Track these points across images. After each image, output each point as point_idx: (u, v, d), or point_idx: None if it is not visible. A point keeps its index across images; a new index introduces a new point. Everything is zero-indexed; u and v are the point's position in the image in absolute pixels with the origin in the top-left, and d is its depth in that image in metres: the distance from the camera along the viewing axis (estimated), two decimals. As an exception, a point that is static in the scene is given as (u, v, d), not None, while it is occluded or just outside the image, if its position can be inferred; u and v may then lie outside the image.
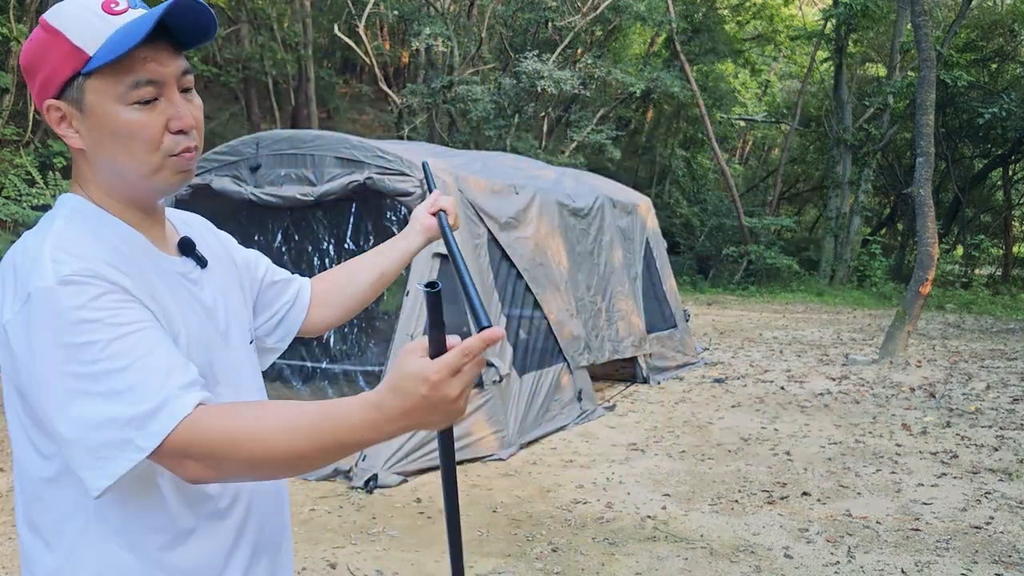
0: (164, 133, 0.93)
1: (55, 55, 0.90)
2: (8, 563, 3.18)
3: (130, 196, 0.97)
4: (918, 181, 8.43)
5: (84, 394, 0.82)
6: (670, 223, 18.91)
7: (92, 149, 0.93)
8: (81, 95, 0.91)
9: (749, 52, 21.05)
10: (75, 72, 0.90)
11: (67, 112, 0.92)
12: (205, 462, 0.83)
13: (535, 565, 3.22)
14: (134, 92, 0.90)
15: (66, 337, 0.83)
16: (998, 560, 3.32)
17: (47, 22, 0.91)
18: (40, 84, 0.92)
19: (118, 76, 0.89)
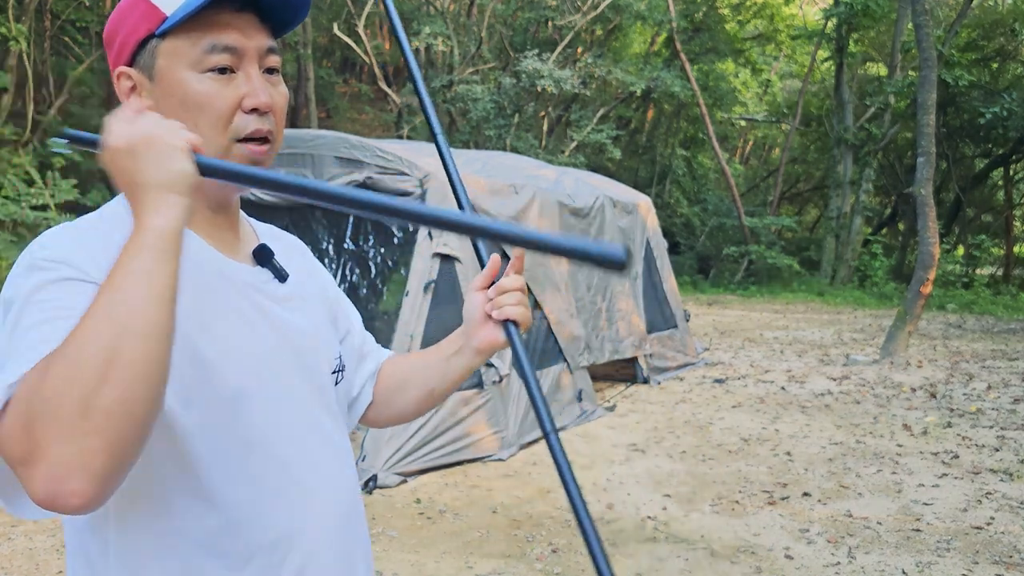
0: (236, 111, 0.82)
1: (132, 17, 0.82)
2: (7, 563, 3.17)
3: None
4: (919, 181, 8.41)
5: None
6: (671, 223, 18.90)
7: None
8: (153, 60, 0.82)
9: (750, 51, 21.03)
10: (149, 33, 0.81)
11: (137, 81, 0.83)
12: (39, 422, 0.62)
13: (535, 566, 3.21)
14: (210, 57, 0.81)
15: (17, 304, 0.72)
16: (999, 560, 3.31)
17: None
18: (116, 51, 0.84)
19: (194, 39, 0.80)
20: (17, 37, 9.91)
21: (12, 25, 9.87)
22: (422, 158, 4.98)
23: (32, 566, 3.16)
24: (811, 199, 25.40)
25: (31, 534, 3.47)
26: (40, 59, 11.88)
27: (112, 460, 0.62)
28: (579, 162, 15.39)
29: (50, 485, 0.61)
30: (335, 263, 5.22)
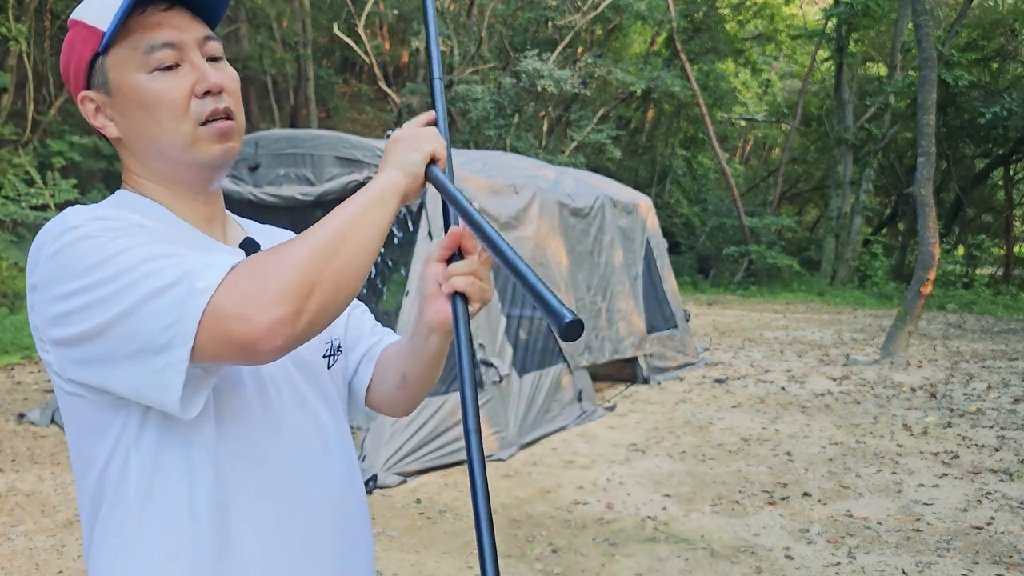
0: (191, 98, 0.87)
1: (78, 44, 0.88)
2: (7, 563, 3.17)
3: (177, 179, 0.91)
4: (919, 181, 8.41)
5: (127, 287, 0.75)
6: (670, 223, 18.91)
7: (128, 133, 0.89)
8: (105, 76, 0.88)
9: (750, 51, 21.03)
10: (94, 53, 0.87)
11: (98, 100, 0.89)
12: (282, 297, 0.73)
13: (535, 566, 3.21)
14: (152, 57, 0.86)
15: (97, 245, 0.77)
16: (999, 560, 3.31)
17: (71, 19, 0.90)
18: (72, 80, 0.90)
19: (133, 44, 0.86)
20: (17, 37, 9.91)
21: (12, 25, 9.87)
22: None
23: (32, 566, 3.16)
24: (811, 199, 25.41)
25: (31, 534, 3.47)
26: (40, 59, 11.88)
27: (306, 329, 0.75)
28: (579, 162, 15.39)
29: (266, 333, 0.72)
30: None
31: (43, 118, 11.58)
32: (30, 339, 7.87)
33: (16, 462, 4.47)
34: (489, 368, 4.66)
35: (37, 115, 11.40)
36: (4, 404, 5.80)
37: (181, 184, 0.91)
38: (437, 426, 4.36)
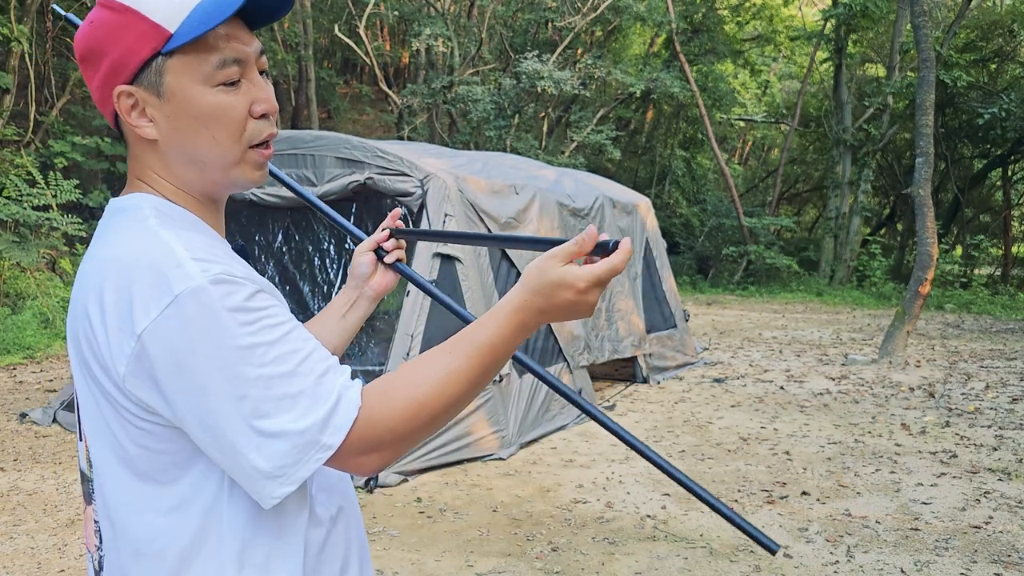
0: (248, 118, 0.86)
1: (128, 35, 0.81)
2: (10, 562, 3.19)
3: (204, 191, 0.89)
4: (917, 181, 8.43)
5: (258, 400, 0.76)
6: (670, 223, 18.93)
7: (169, 139, 0.85)
8: (160, 78, 0.83)
9: (749, 52, 21.06)
10: (154, 52, 0.82)
11: (141, 98, 0.84)
12: (386, 446, 0.81)
13: (535, 565, 3.23)
14: (221, 72, 0.83)
15: (229, 340, 0.76)
16: (997, 560, 3.32)
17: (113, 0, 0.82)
18: (108, 69, 0.83)
19: (203, 55, 0.82)
20: (19, 38, 9.92)
21: (14, 26, 9.88)
22: (423, 159, 5.01)
23: (34, 565, 3.17)
24: (810, 199, 25.43)
25: (33, 533, 3.49)
26: (42, 60, 11.89)
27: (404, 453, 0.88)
28: (579, 163, 15.41)
29: (377, 468, 0.83)
30: (336, 263, 5.24)
31: (45, 119, 11.59)
32: (31, 339, 7.89)
33: (18, 461, 4.49)
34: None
35: (39, 116, 11.41)
36: (6, 404, 5.81)
37: (203, 193, 0.90)
38: (438, 425, 4.38)
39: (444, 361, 0.83)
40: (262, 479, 0.78)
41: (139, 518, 0.83)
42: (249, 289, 0.79)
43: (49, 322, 8.47)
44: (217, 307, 0.76)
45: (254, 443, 0.76)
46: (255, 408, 0.76)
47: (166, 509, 0.82)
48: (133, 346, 0.76)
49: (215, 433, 0.77)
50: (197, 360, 0.75)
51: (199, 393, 0.76)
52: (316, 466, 0.79)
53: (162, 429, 0.80)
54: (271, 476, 0.77)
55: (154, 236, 0.80)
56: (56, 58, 12.61)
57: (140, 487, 0.83)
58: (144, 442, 0.81)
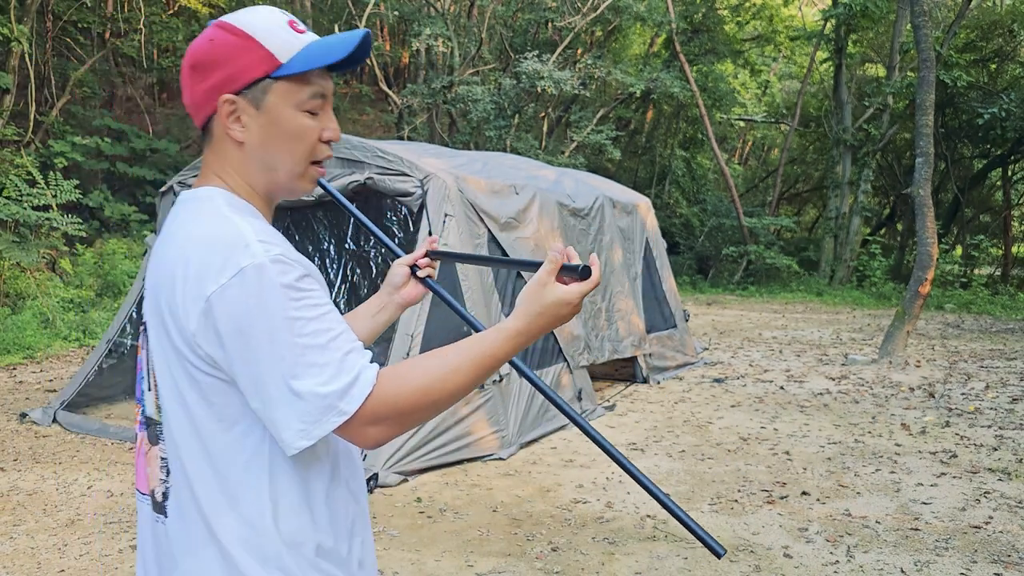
0: (317, 141, 1.07)
1: (246, 57, 1.01)
2: (9, 563, 3.19)
3: (268, 192, 1.08)
4: (917, 181, 8.43)
5: (293, 363, 0.93)
6: (670, 223, 18.93)
7: (256, 145, 1.04)
8: (263, 95, 1.02)
9: (749, 52, 21.06)
10: (264, 74, 1.01)
11: (241, 108, 1.03)
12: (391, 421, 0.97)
13: (535, 564, 3.23)
14: (309, 101, 1.04)
15: (279, 310, 0.93)
16: (997, 560, 3.32)
17: (235, 27, 1.02)
18: (221, 79, 1.02)
19: (301, 85, 1.03)
20: (19, 38, 9.92)
21: (14, 26, 9.88)
22: (423, 159, 5.00)
23: (34, 565, 3.17)
24: (810, 199, 25.43)
25: (33, 533, 3.49)
26: (42, 60, 11.89)
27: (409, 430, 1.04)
28: (579, 163, 15.41)
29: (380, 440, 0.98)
30: (336, 263, 5.24)
31: (45, 119, 11.59)
32: (31, 339, 7.89)
33: (18, 461, 4.49)
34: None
35: (39, 116, 11.41)
36: (6, 404, 5.81)
37: (266, 193, 1.09)
38: (437, 425, 4.38)
39: (451, 359, 0.99)
40: (287, 430, 0.94)
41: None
42: (299, 271, 0.96)
43: (49, 322, 8.47)
44: (273, 282, 0.93)
45: (285, 398, 0.93)
46: (290, 369, 0.92)
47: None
48: (202, 306, 0.94)
49: (257, 385, 0.94)
50: (251, 322, 0.92)
51: (250, 350, 0.93)
52: (331, 428, 0.94)
53: (220, 384, 0.98)
54: (294, 429, 0.94)
55: (227, 220, 0.99)
56: (56, 58, 12.61)
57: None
58: (204, 394, 0.98)
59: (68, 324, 8.53)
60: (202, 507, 1.00)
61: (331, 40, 1.04)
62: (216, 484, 1.00)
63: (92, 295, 9.59)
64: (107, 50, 13.40)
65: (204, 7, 13.04)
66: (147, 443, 1.08)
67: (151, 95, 15.46)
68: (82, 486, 4.09)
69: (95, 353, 5.52)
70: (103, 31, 13.72)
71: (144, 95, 14.82)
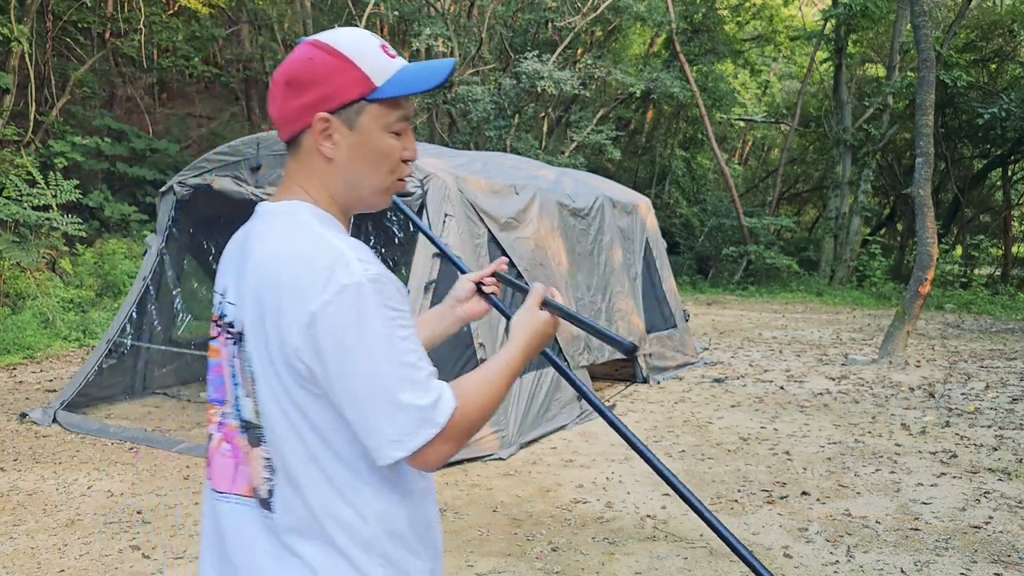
0: (399, 160, 1.14)
1: (343, 78, 1.07)
2: (10, 562, 3.19)
3: (349, 206, 1.16)
4: (917, 181, 8.43)
5: (392, 378, 1.00)
6: (670, 223, 18.92)
7: (344, 161, 1.11)
8: (357, 116, 1.09)
9: (749, 52, 21.06)
10: (360, 96, 1.08)
11: (335, 126, 1.09)
12: (460, 437, 1.05)
13: (535, 564, 3.23)
14: (396, 124, 1.11)
15: (378, 328, 1.00)
16: (997, 560, 3.32)
17: (332, 47, 1.08)
18: (318, 97, 1.08)
19: (391, 109, 1.10)
20: (19, 38, 9.92)
21: (14, 26, 9.88)
22: (423, 159, 5.01)
23: (34, 565, 3.18)
24: (810, 199, 25.43)
25: (33, 533, 3.49)
26: (42, 60, 11.89)
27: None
28: (579, 163, 15.40)
29: (445, 457, 1.05)
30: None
31: (45, 119, 11.59)
32: (31, 339, 7.89)
33: (18, 461, 4.49)
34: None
35: (39, 116, 11.41)
36: (6, 404, 5.81)
37: (346, 207, 1.16)
38: (438, 425, 4.38)
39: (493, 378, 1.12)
40: (384, 441, 1.01)
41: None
42: (392, 290, 1.03)
43: (49, 322, 8.47)
44: (372, 301, 1.00)
45: (385, 411, 1.00)
46: (389, 384, 1.00)
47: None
48: (305, 321, 1.00)
49: (355, 398, 1.01)
50: (352, 338, 0.99)
51: (350, 365, 0.99)
52: (424, 440, 1.01)
53: (313, 397, 1.04)
54: (392, 440, 1.01)
55: (322, 237, 1.05)
56: (56, 58, 12.61)
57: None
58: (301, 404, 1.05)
59: (68, 324, 8.53)
60: (309, 503, 1.06)
61: (422, 68, 1.11)
62: (321, 481, 1.06)
63: (92, 295, 9.59)
64: (107, 50, 13.39)
65: (204, 7, 13.04)
66: (248, 445, 1.13)
67: (151, 95, 15.46)
68: (82, 486, 4.09)
69: (95, 353, 5.52)
70: (103, 31, 13.72)
71: (144, 95, 14.82)
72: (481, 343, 4.70)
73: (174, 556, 3.26)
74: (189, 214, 5.75)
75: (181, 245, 5.90)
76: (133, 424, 5.26)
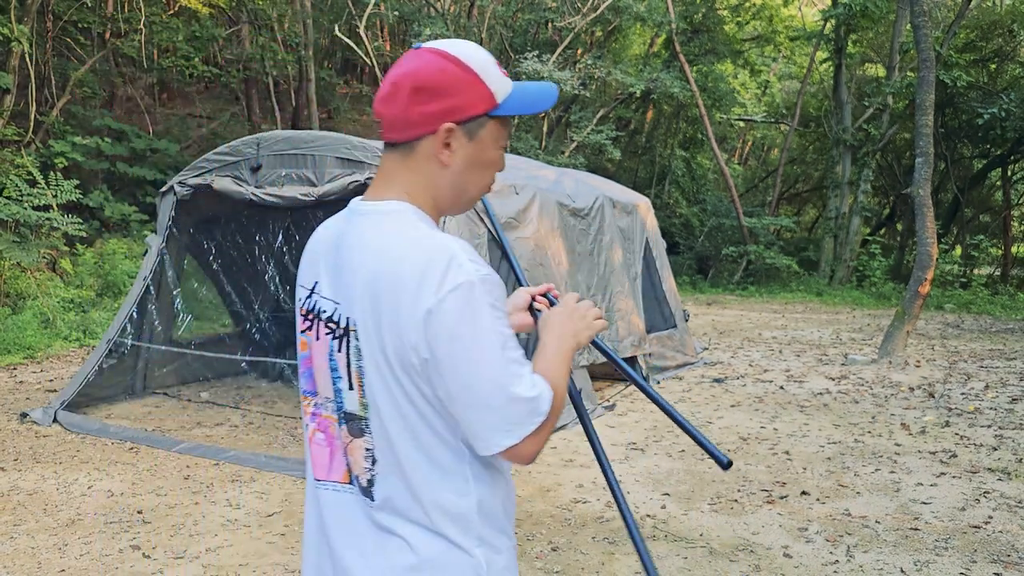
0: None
1: (472, 92, 1.13)
2: (10, 562, 3.19)
3: (445, 210, 1.22)
4: (917, 181, 8.44)
5: (503, 373, 1.07)
6: (670, 223, 18.92)
7: (459, 170, 1.17)
8: (479, 129, 1.16)
9: (749, 52, 21.06)
10: (485, 111, 1.15)
11: (456, 137, 1.15)
12: (548, 427, 1.12)
13: (535, 564, 3.24)
14: (504, 139, 1.21)
15: (489, 325, 1.06)
16: (997, 559, 3.33)
17: (461, 60, 1.13)
18: (447, 107, 1.13)
19: (505, 125, 1.20)
20: (19, 38, 9.92)
21: (14, 26, 9.88)
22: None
23: (34, 564, 3.18)
24: (810, 199, 25.44)
25: (33, 533, 3.49)
26: (42, 60, 11.90)
27: None
28: (579, 163, 15.41)
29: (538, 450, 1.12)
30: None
31: (45, 119, 11.59)
32: (32, 338, 7.89)
33: (19, 461, 4.49)
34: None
35: (39, 116, 11.42)
36: (6, 403, 5.81)
37: (442, 210, 1.22)
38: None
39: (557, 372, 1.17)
40: (494, 431, 1.08)
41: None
42: (500, 291, 1.10)
43: (49, 322, 8.47)
44: (482, 300, 1.06)
45: (497, 403, 1.06)
46: (500, 378, 1.06)
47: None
48: (422, 317, 1.05)
49: (468, 390, 1.06)
50: (463, 332, 1.05)
51: (461, 358, 1.05)
52: (532, 428, 1.09)
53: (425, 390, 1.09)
54: (502, 429, 1.08)
55: (435, 238, 1.11)
56: (56, 58, 12.61)
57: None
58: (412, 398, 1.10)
59: (68, 324, 8.54)
60: (413, 488, 1.12)
61: (531, 90, 1.21)
62: (427, 468, 1.12)
63: (92, 295, 9.60)
64: (107, 50, 13.39)
65: (204, 7, 13.04)
66: (348, 435, 1.17)
67: (151, 95, 15.46)
68: (82, 486, 4.09)
69: (95, 353, 5.52)
70: (103, 31, 13.72)
71: (144, 95, 14.83)
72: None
73: (174, 556, 3.27)
74: (189, 214, 5.76)
75: (181, 245, 5.91)
76: (133, 424, 5.26)
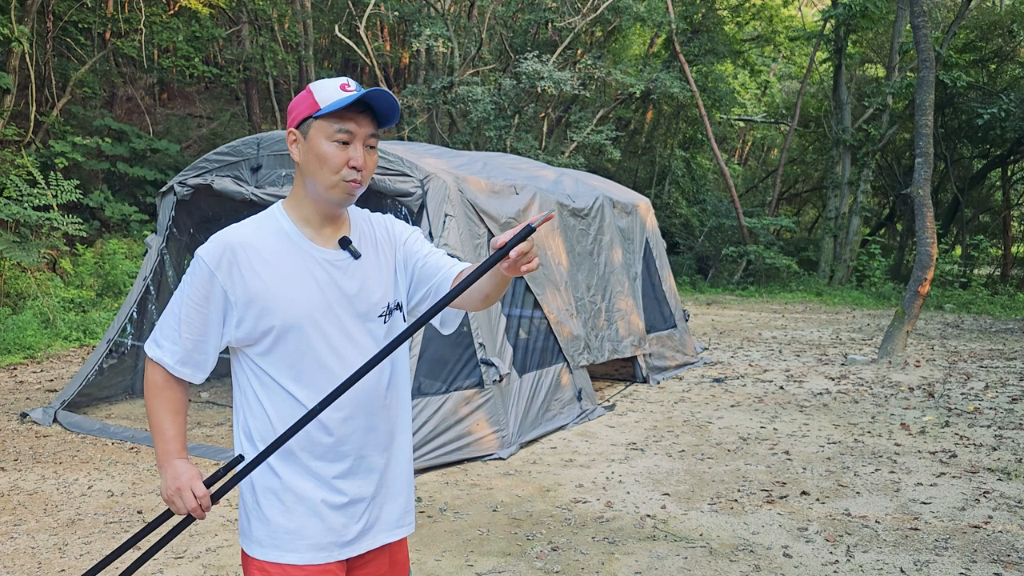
0: (344, 166, 1.48)
1: (304, 104, 1.50)
2: (10, 562, 3.19)
3: (313, 200, 1.53)
4: (917, 181, 8.44)
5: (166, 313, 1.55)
6: (670, 223, 18.93)
7: (303, 165, 1.51)
8: (308, 129, 1.50)
9: (748, 53, 21.07)
10: (310, 114, 1.48)
11: (297, 137, 1.52)
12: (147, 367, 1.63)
13: (535, 564, 3.24)
14: (335, 134, 1.47)
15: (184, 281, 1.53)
16: (997, 559, 3.33)
17: (310, 88, 1.51)
18: (292, 119, 1.52)
19: (331, 123, 1.47)
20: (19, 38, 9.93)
21: (14, 26, 9.88)
22: (423, 159, 5.01)
23: (34, 564, 3.18)
24: (809, 199, 25.44)
25: (33, 533, 3.49)
26: (42, 60, 11.89)
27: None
28: (579, 163, 15.41)
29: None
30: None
31: (45, 119, 11.60)
32: (32, 338, 7.89)
33: (19, 461, 4.49)
34: (489, 367, 4.69)
35: (39, 116, 11.42)
36: (7, 403, 5.82)
37: (314, 203, 1.53)
38: (437, 425, 4.39)
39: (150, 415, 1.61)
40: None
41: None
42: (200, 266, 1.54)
43: (49, 322, 8.47)
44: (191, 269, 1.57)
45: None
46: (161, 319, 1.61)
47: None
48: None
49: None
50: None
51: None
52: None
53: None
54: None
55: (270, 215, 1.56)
56: (56, 58, 12.61)
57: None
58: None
59: (68, 324, 8.54)
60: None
61: (353, 94, 1.47)
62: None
63: (92, 295, 9.60)
64: (107, 50, 13.40)
65: (204, 7, 13.04)
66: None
67: (151, 95, 15.46)
68: (82, 486, 4.09)
69: (95, 353, 5.53)
70: (103, 31, 13.72)
71: (144, 95, 14.83)
72: (481, 343, 4.71)
73: (174, 556, 3.27)
74: (189, 214, 5.76)
75: (181, 245, 5.91)
76: (133, 424, 5.26)
